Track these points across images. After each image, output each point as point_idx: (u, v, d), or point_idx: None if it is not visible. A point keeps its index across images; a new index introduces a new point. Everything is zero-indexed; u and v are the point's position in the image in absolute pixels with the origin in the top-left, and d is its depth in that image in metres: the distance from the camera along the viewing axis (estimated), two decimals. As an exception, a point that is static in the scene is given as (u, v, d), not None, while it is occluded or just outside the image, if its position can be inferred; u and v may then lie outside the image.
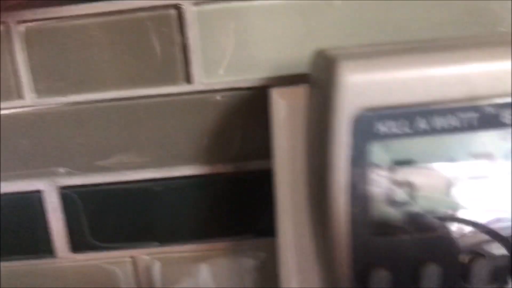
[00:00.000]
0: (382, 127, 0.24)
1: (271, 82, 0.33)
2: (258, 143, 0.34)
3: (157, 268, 0.37)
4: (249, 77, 0.33)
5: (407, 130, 0.24)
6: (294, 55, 0.33)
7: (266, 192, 0.34)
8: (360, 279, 0.26)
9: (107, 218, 0.36)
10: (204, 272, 0.37)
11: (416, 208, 0.26)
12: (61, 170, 0.35)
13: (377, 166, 0.25)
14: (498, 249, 0.26)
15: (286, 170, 0.33)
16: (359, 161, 0.24)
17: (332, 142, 0.24)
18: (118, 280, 0.37)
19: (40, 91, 0.33)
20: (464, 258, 0.26)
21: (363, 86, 0.23)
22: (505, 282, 0.26)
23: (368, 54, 0.24)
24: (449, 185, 0.26)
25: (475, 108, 0.24)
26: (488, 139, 0.25)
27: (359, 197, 0.24)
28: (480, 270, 0.26)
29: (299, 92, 0.31)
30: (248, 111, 0.34)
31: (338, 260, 0.25)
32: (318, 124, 0.25)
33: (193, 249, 0.36)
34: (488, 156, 0.25)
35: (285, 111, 0.32)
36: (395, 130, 0.24)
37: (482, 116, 0.24)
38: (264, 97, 0.33)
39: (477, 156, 0.25)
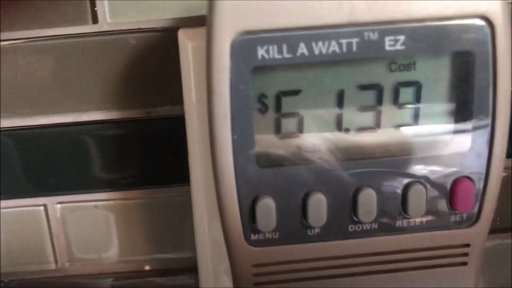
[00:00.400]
0: (262, 52, 0.23)
1: (180, 23, 0.32)
2: (170, 87, 0.34)
3: (69, 217, 0.36)
4: (157, 18, 0.32)
5: (289, 56, 0.23)
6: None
7: (180, 138, 0.34)
8: (248, 212, 0.25)
9: (17, 164, 0.35)
10: (117, 219, 0.37)
11: (302, 139, 0.25)
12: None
13: (261, 94, 0.24)
14: (386, 182, 0.26)
15: (195, 115, 0.33)
16: (241, 89, 0.24)
17: (214, 68, 0.24)
18: (31, 228, 0.37)
19: None
20: (351, 190, 0.25)
21: (241, 8, 0.23)
22: (394, 217, 0.26)
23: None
24: (337, 116, 0.25)
25: (358, 34, 0.23)
26: (375, 69, 0.25)
27: (242, 128, 0.24)
28: (365, 203, 0.25)
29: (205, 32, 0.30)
30: (158, 53, 0.33)
31: (225, 194, 0.25)
32: (206, 54, 0.25)
33: (106, 197, 0.36)
34: (375, 86, 0.25)
35: (192, 52, 0.32)
36: (277, 56, 0.23)
37: (365, 43, 0.24)
38: (175, 39, 0.32)
39: (364, 87, 0.25)
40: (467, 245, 0.28)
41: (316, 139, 0.26)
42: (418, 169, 0.26)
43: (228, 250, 0.27)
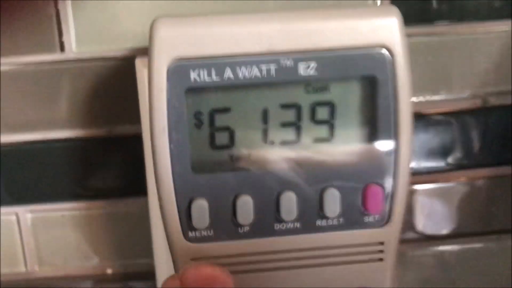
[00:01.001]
0: (194, 75, 0.28)
1: (138, 52, 0.37)
2: (129, 108, 0.38)
3: (39, 225, 0.40)
4: (117, 47, 0.37)
5: (217, 79, 0.28)
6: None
7: (138, 154, 0.38)
8: (185, 212, 0.29)
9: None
10: (82, 228, 0.41)
11: (233, 150, 0.30)
12: None
13: (197, 111, 0.29)
14: (305, 186, 0.30)
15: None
16: (177, 107, 0.28)
17: (153, 89, 0.28)
18: (3, 235, 0.40)
19: None
20: (274, 192, 0.30)
21: (176, 38, 0.27)
22: (313, 217, 0.30)
23: (189, 16, 0.29)
24: (263, 130, 0.30)
25: (275, 61, 0.28)
26: (292, 91, 0.29)
27: (178, 139, 0.28)
28: (288, 205, 0.30)
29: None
30: (118, 79, 0.37)
31: (164, 197, 0.29)
32: (148, 76, 0.29)
33: (72, 207, 0.40)
34: (295, 106, 0.30)
35: (147, 78, 0.36)
36: (207, 79, 0.28)
37: (282, 69, 0.28)
38: (133, 66, 0.37)
39: (285, 106, 0.30)
40: (382, 243, 0.31)
41: (245, 150, 0.30)
42: (333, 176, 0.30)
43: (170, 247, 0.30)
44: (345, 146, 0.30)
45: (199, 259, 0.30)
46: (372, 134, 0.30)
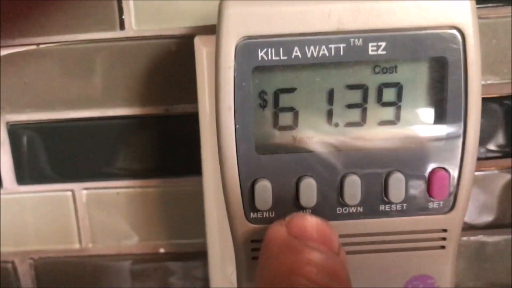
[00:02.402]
0: (262, 54, 0.27)
1: (197, 31, 0.37)
2: (188, 87, 0.38)
3: (94, 202, 0.41)
4: (176, 26, 0.37)
5: (285, 58, 0.27)
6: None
7: (195, 133, 0.38)
8: (248, 193, 0.29)
9: (49, 153, 0.39)
10: (137, 206, 0.41)
11: (296, 131, 0.29)
12: (8, 107, 0.38)
13: (262, 91, 0.29)
14: (369, 170, 0.29)
15: (208, 113, 0.37)
16: (243, 86, 0.28)
17: (220, 67, 0.28)
18: (59, 211, 0.41)
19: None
20: (338, 176, 0.29)
21: (244, 16, 0.27)
22: (377, 201, 0.30)
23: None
24: (327, 112, 0.29)
25: (345, 41, 0.27)
26: (360, 71, 0.29)
27: (243, 119, 0.28)
28: (352, 189, 0.29)
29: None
30: (177, 57, 0.37)
31: (228, 177, 0.29)
32: (214, 56, 0.29)
33: (127, 185, 0.40)
34: (361, 86, 0.29)
35: (206, 57, 0.36)
36: (275, 57, 0.28)
37: (351, 48, 0.28)
38: (192, 45, 0.36)
39: (351, 86, 0.29)
40: (445, 230, 0.31)
41: (309, 131, 0.29)
42: (399, 159, 0.29)
43: (230, 228, 0.30)
44: (411, 129, 0.30)
45: (260, 241, 0.30)
46: (440, 117, 0.29)
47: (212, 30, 0.36)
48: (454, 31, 0.28)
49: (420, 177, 0.30)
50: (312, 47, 0.27)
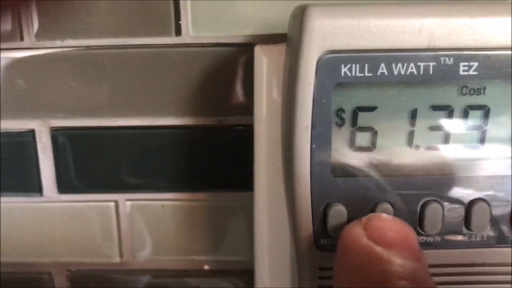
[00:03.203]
0: (345, 70, 0.25)
1: (257, 39, 0.35)
2: (242, 98, 0.36)
3: (137, 214, 0.39)
4: (236, 34, 0.35)
5: (370, 75, 0.25)
6: (281, 14, 0.34)
7: (247, 147, 0.36)
8: (319, 217, 0.27)
9: (93, 161, 0.37)
10: (182, 219, 0.39)
11: (374, 153, 0.27)
12: (53, 112, 0.36)
13: (339, 109, 0.26)
14: (451, 198, 0.27)
15: (264, 126, 0.35)
16: (323, 103, 0.26)
17: (299, 83, 0.26)
18: (100, 223, 0.39)
19: (39, 34, 0.35)
20: (418, 203, 0.27)
21: (329, 29, 0.25)
22: (457, 231, 0.28)
23: (339, 4, 0.26)
24: (409, 133, 0.27)
25: (435, 59, 0.25)
26: (447, 92, 0.27)
27: (321, 138, 0.26)
28: (433, 217, 0.27)
29: (281, 50, 0.33)
30: (234, 67, 0.35)
31: (299, 199, 0.27)
32: (289, 69, 0.27)
33: (173, 197, 0.38)
34: (447, 108, 0.27)
35: (266, 67, 0.34)
36: (359, 74, 0.25)
37: (441, 67, 0.25)
38: (250, 54, 0.34)
39: (436, 107, 0.27)
40: (528, 264, 0.29)
41: (387, 153, 0.27)
42: (482, 187, 0.27)
43: (296, 253, 0.28)
44: (497, 154, 0.27)
45: (328, 269, 0.28)
46: (528, 143, 0.27)
47: (273, 39, 0.35)
48: (551, 52, 0.26)
49: (505, 206, 0.27)
50: (400, 65, 0.25)
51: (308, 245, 0.28)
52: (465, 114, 0.27)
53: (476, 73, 0.26)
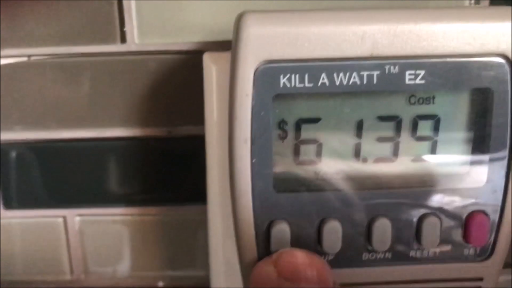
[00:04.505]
0: (284, 80, 0.24)
1: (206, 46, 0.33)
2: (192, 108, 0.34)
3: (87, 229, 0.37)
4: (184, 41, 0.33)
5: (310, 85, 0.24)
6: (231, 19, 0.33)
7: (200, 158, 0.34)
8: (263, 235, 0.26)
9: (39, 176, 0.36)
10: (133, 235, 0.37)
11: (320, 166, 0.26)
12: (-5, 124, 0.35)
13: (282, 120, 0.25)
14: (401, 212, 0.26)
15: (216, 136, 0.34)
16: (262, 115, 0.24)
17: (237, 95, 0.24)
18: (48, 239, 0.37)
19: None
20: (366, 219, 0.26)
21: (266, 37, 0.23)
22: (408, 247, 0.26)
23: (278, 11, 0.25)
24: (355, 145, 0.26)
25: (379, 67, 0.24)
26: (394, 101, 0.25)
27: (261, 152, 0.25)
28: (380, 232, 0.26)
29: (229, 57, 0.31)
30: (183, 75, 0.34)
31: (241, 216, 0.26)
32: (230, 80, 0.26)
33: (124, 212, 0.37)
34: (394, 118, 0.26)
35: (216, 75, 0.33)
36: (298, 84, 0.24)
37: (386, 76, 0.24)
38: (200, 61, 0.33)
39: (383, 118, 0.26)
40: (480, 279, 0.28)
41: (333, 167, 0.26)
42: (434, 201, 0.26)
43: (241, 270, 0.27)
44: (448, 168, 0.26)
45: (275, 287, 0.26)
46: (481, 154, 0.26)
47: (223, 46, 0.33)
48: (501, 59, 0.25)
49: (457, 220, 0.26)
50: (341, 74, 0.24)
51: (252, 263, 0.26)
52: (414, 125, 0.26)
53: (423, 81, 0.25)
